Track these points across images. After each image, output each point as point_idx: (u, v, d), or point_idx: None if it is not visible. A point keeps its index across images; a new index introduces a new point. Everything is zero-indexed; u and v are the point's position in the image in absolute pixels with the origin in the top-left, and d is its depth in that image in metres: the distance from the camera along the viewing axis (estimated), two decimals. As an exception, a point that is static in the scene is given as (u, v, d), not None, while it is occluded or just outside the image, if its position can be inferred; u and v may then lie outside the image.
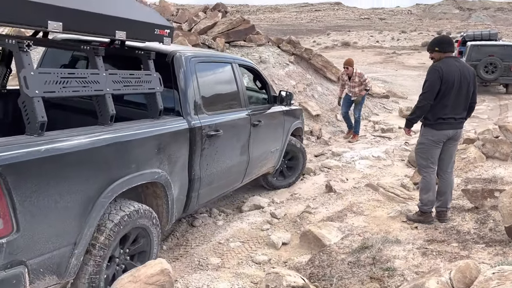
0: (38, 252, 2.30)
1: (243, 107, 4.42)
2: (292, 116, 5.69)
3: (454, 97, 4.01)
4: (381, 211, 4.67)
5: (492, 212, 4.16)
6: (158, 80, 3.25)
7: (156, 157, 3.09)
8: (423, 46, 33.68)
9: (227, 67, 4.38)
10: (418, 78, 19.30)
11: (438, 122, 4.05)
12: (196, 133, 3.51)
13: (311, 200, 5.34)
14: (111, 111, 2.79)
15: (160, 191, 3.24)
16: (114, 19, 2.86)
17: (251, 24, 11.56)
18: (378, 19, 78.04)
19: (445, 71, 3.97)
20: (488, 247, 3.40)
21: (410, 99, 14.45)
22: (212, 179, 3.91)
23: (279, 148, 5.38)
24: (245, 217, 4.86)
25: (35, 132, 2.31)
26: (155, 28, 3.23)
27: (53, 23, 2.41)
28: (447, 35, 4.27)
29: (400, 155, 7.67)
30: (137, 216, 2.91)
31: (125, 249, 2.99)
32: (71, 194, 2.44)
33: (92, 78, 2.69)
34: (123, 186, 2.76)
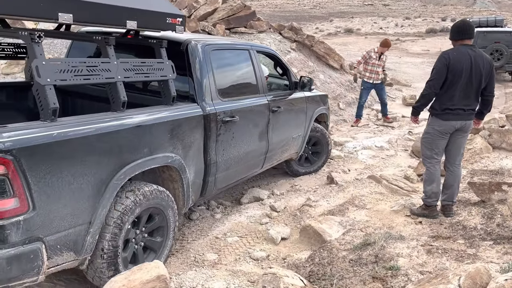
0: (54, 229, 2.46)
1: (261, 93, 4.45)
2: (315, 102, 5.68)
3: (464, 87, 3.82)
4: (384, 205, 4.52)
5: (499, 207, 4.00)
6: (170, 67, 3.34)
7: (169, 142, 3.20)
8: (428, 33, 33.27)
9: (244, 54, 4.41)
10: (422, 65, 19.02)
11: (445, 112, 3.90)
12: (210, 119, 3.59)
13: (312, 192, 5.19)
14: (123, 97, 2.89)
15: (175, 174, 3.37)
16: (124, 9, 2.94)
17: (252, 10, 11.30)
18: (382, 5, 77.01)
19: (452, 59, 3.79)
20: (496, 244, 3.25)
21: (414, 87, 14.21)
22: (229, 164, 3.98)
23: (301, 134, 5.38)
24: (243, 210, 4.73)
25: (48, 118, 2.45)
26: (167, 17, 3.28)
27: (64, 15, 2.52)
28: (465, 21, 3.99)
29: (403, 145, 7.50)
30: (151, 196, 3.04)
31: (141, 228, 3.11)
32: (84, 176, 2.57)
33: (103, 66, 2.80)
34: (135, 169, 2.88)
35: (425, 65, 19.11)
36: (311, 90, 5.50)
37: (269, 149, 4.62)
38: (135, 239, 3.08)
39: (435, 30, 33.38)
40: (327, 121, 6.21)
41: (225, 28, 10.17)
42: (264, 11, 51.18)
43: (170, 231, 3.34)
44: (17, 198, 2.26)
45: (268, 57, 5.24)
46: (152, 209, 3.13)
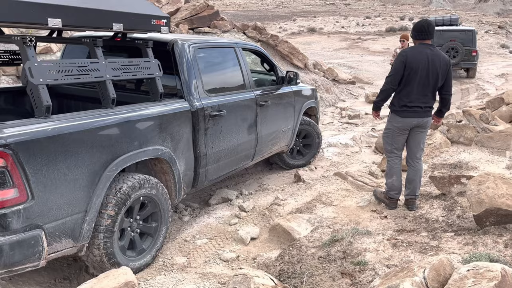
0: (53, 217, 2.67)
1: (247, 89, 4.65)
2: (303, 95, 5.87)
3: (420, 84, 3.93)
4: (350, 201, 4.60)
5: (459, 199, 4.16)
6: (157, 66, 3.56)
7: (158, 135, 3.43)
8: (387, 32, 34.20)
9: (230, 51, 4.61)
10: (383, 63, 19.54)
11: (402, 109, 4.03)
12: (198, 113, 3.82)
13: (280, 191, 5.23)
14: (112, 95, 3.12)
15: (166, 166, 3.59)
16: (110, 13, 3.16)
17: (215, 10, 11.26)
18: (343, 5, 78.49)
19: (409, 57, 3.91)
20: (457, 235, 3.38)
21: (375, 84, 14.58)
22: (219, 156, 4.19)
23: (291, 127, 5.59)
24: (212, 212, 4.70)
25: (42, 115, 2.66)
26: (152, 18, 3.52)
27: (53, 20, 2.73)
28: (427, 21, 4.14)
29: (367, 142, 7.68)
30: (143, 186, 3.26)
31: (135, 217, 3.34)
32: (79, 168, 2.79)
33: (92, 66, 3.02)
34: (126, 161, 3.11)
35: (386, 63, 19.62)
36: (297, 84, 5.67)
37: (259, 142, 4.84)
38: (130, 227, 3.31)
39: (395, 29, 34.37)
40: (316, 114, 6.41)
41: (188, 28, 10.09)
42: (227, 11, 51.05)
43: (164, 219, 3.55)
44: (16, 188, 2.46)
45: (254, 54, 5.45)
46: (145, 198, 3.34)
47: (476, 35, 16.03)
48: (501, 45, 27.32)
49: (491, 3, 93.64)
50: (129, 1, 3.56)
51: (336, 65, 16.13)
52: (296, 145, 6.05)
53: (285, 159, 5.96)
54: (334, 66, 15.11)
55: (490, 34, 31.53)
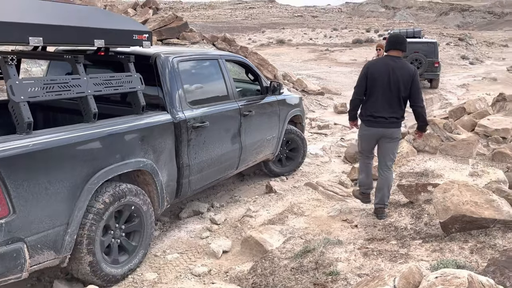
0: (34, 230, 2.72)
1: (231, 99, 4.73)
2: (288, 104, 5.96)
3: (383, 95, 4.03)
4: (321, 211, 4.64)
5: (426, 206, 4.27)
6: (139, 79, 3.64)
7: (140, 148, 3.50)
8: (354, 43, 35.05)
9: (213, 63, 4.69)
10: (351, 74, 19.97)
11: (368, 119, 4.17)
12: (181, 125, 3.89)
13: (252, 203, 5.21)
14: (93, 109, 3.18)
15: (149, 178, 3.66)
16: (91, 30, 3.27)
17: (184, 21, 11.25)
18: (310, 17, 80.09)
19: (371, 68, 4.10)
20: (425, 243, 3.46)
21: (344, 95, 14.85)
22: (202, 167, 4.25)
23: (276, 136, 5.67)
24: (183, 225, 4.63)
25: (24, 131, 2.72)
26: (133, 33, 3.63)
27: (34, 38, 2.82)
28: (396, 34, 4.35)
29: (337, 152, 7.79)
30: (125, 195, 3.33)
31: (119, 226, 3.41)
32: (60, 182, 2.84)
33: (73, 82, 3.09)
34: (108, 174, 3.17)
35: (353, 74, 20.08)
36: (281, 94, 5.75)
37: (243, 151, 4.89)
38: (113, 236, 3.38)
39: (361, 41, 35.30)
40: (302, 122, 6.50)
41: (157, 39, 10.01)
42: (196, 22, 51.09)
43: (147, 227, 3.63)
44: None
45: (239, 65, 5.52)
46: (127, 207, 3.42)
47: (438, 47, 16.65)
48: (462, 57, 28.48)
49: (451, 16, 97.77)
50: (110, 17, 3.76)
51: (305, 76, 16.37)
52: (282, 153, 6.14)
53: (270, 167, 6.03)
54: (303, 77, 15.34)
55: (451, 46, 32.83)
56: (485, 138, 6.76)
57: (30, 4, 3.23)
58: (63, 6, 3.83)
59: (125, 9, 11.57)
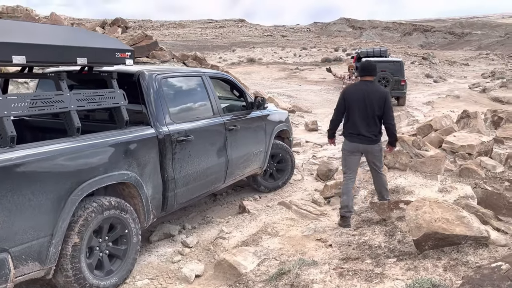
0: (19, 241, 2.78)
1: (216, 114, 4.85)
2: (274, 119, 6.10)
3: (361, 116, 4.55)
4: (295, 230, 4.59)
5: (398, 224, 4.29)
6: (122, 95, 3.76)
7: (123, 160, 3.59)
8: (323, 62, 35.76)
9: (197, 80, 4.83)
10: (320, 92, 20.29)
11: (350, 135, 4.66)
12: (165, 139, 4.00)
13: (225, 223, 5.10)
14: (77, 124, 3.29)
15: (134, 190, 3.74)
16: (74, 49, 3.40)
17: (153, 40, 11.17)
18: (280, 36, 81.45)
19: (347, 92, 4.69)
20: (399, 261, 3.45)
21: (314, 113, 15.06)
22: (188, 180, 4.31)
23: (262, 150, 5.78)
24: (153, 249, 4.47)
25: (7, 145, 2.79)
26: (116, 52, 3.77)
27: (17, 57, 2.93)
28: (368, 61, 4.93)
29: (309, 169, 7.80)
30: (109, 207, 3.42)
31: (104, 237, 3.49)
32: (44, 194, 2.91)
33: (56, 98, 3.21)
34: (92, 186, 3.26)
35: (323, 92, 20.43)
36: (265, 109, 5.89)
37: (230, 164, 4.99)
38: (99, 247, 3.44)
39: (330, 59, 36.06)
40: (289, 137, 6.65)
41: (126, 58, 9.88)
42: (166, 41, 51.01)
43: (133, 239, 3.70)
44: None
45: (223, 82, 5.66)
46: (112, 219, 3.50)
47: (404, 65, 17.18)
48: (426, 75, 29.50)
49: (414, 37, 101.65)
50: (92, 36, 3.88)
51: (276, 94, 16.51)
52: (270, 167, 6.25)
53: (259, 182, 6.13)
54: (274, 95, 15.45)
55: (415, 64, 33.98)
56: (452, 154, 6.93)
57: (12, 25, 3.43)
58: (45, 26, 4.07)
59: (93, 27, 11.41)
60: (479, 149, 6.79)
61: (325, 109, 15.89)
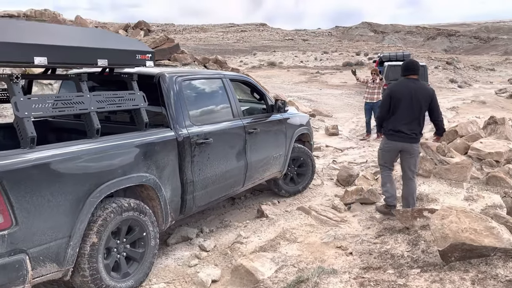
0: (37, 242, 2.79)
1: (235, 117, 4.82)
2: (295, 122, 6.05)
3: (405, 113, 4.52)
4: (315, 237, 4.48)
5: (422, 232, 4.13)
6: (142, 97, 3.77)
7: (143, 163, 3.58)
8: (344, 66, 35.45)
9: (217, 83, 4.80)
10: (341, 96, 20.07)
11: (389, 133, 4.66)
12: (184, 141, 3.98)
13: (242, 228, 5.03)
14: (96, 125, 3.29)
15: (152, 193, 3.73)
16: (95, 50, 3.41)
17: (175, 43, 11.23)
18: (301, 40, 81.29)
19: (393, 90, 4.64)
20: (424, 272, 3.30)
21: (335, 117, 14.87)
22: (206, 183, 4.29)
23: (282, 154, 5.73)
24: (170, 252, 4.43)
25: (27, 145, 2.83)
26: (136, 54, 3.77)
27: (39, 58, 2.95)
28: (412, 60, 4.99)
29: (329, 174, 7.67)
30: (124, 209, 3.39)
31: (122, 239, 3.48)
32: (62, 195, 2.92)
33: (76, 99, 3.24)
34: (110, 188, 3.26)
35: (344, 96, 20.19)
36: (286, 112, 5.83)
37: (249, 168, 4.94)
38: (116, 248, 3.43)
39: (351, 64, 35.69)
40: (310, 140, 6.60)
41: (148, 61, 9.96)
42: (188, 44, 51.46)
43: (151, 243, 3.68)
44: (1, 214, 2.60)
45: (244, 85, 5.60)
46: (130, 221, 3.49)
47: (428, 70, 16.81)
48: (450, 80, 28.88)
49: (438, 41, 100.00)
50: (114, 38, 3.86)
51: (296, 98, 16.39)
52: (291, 172, 6.19)
53: (280, 185, 6.08)
54: (294, 99, 15.34)
55: (439, 69, 33.33)
56: (478, 161, 6.69)
57: (34, 26, 3.45)
58: (67, 28, 4.10)
59: (117, 30, 11.55)
60: (508, 156, 6.53)
61: (346, 114, 15.68)
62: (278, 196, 6.29)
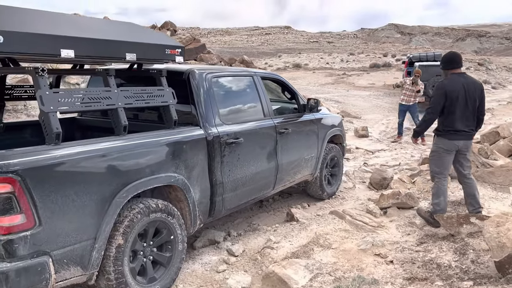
0: (61, 244, 2.64)
1: (266, 116, 4.61)
2: (327, 123, 5.81)
3: (462, 111, 4.29)
4: (351, 243, 4.19)
5: (470, 240, 3.80)
6: (171, 94, 3.59)
7: (171, 162, 3.41)
8: (371, 68, 34.79)
9: (248, 81, 4.61)
10: (369, 98, 19.58)
11: (449, 132, 4.38)
12: (214, 141, 3.79)
13: (272, 232, 4.78)
14: (124, 122, 3.12)
15: (181, 194, 3.56)
16: (123, 43, 3.26)
17: (202, 43, 11.14)
18: (326, 42, 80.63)
19: (448, 87, 4.29)
20: (477, 285, 2.99)
21: (364, 118, 14.46)
22: (236, 185, 4.11)
23: (314, 156, 5.49)
24: (197, 256, 4.22)
25: (52, 142, 2.69)
26: (165, 48, 3.60)
27: (65, 51, 2.82)
28: (454, 52, 4.76)
29: (360, 177, 7.34)
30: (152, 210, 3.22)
31: (149, 242, 3.30)
32: (87, 195, 2.77)
33: (104, 94, 3.08)
34: (138, 188, 3.09)
35: (372, 98, 19.70)
36: (318, 111, 5.60)
37: (279, 170, 4.72)
38: (143, 251, 3.26)
39: (378, 65, 35.00)
40: (342, 142, 6.32)
41: (174, 61, 9.87)
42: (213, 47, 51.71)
43: (178, 247, 3.50)
44: (23, 214, 2.47)
45: (275, 83, 5.42)
46: (158, 223, 3.32)
47: (461, 70, 16.15)
48: (483, 81, 27.82)
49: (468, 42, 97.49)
50: (142, 32, 3.70)
51: (323, 100, 16.01)
52: (328, 173, 5.99)
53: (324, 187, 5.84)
54: (321, 100, 14.96)
55: (471, 70, 32.25)
56: (524, 164, 6.24)
57: (62, 18, 3.27)
58: (95, 21, 3.98)
59: (143, 31, 11.54)
60: (556, 159, 6.08)
61: (374, 115, 15.24)
62: (308, 199, 6.02)
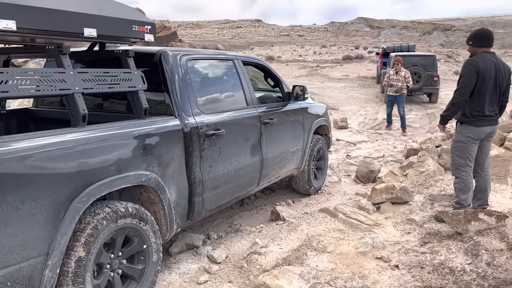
0: (2, 264, 2.14)
1: (249, 105, 4.17)
2: (313, 113, 5.39)
3: (491, 93, 3.91)
4: (347, 245, 3.73)
5: (479, 239, 3.42)
6: (140, 77, 3.11)
7: (142, 158, 2.91)
8: (344, 60, 34.74)
9: (228, 65, 4.15)
10: (345, 89, 19.37)
11: (477, 118, 3.96)
12: (191, 132, 3.31)
13: (257, 233, 4.28)
14: (82, 111, 2.63)
15: (154, 195, 3.07)
16: (79, 16, 2.69)
17: (173, 31, 10.53)
18: (297, 36, 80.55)
19: (481, 66, 3.84)
20: (503, 294, 2.58)
21: (341, 110, 14.17)
22: (218, 183, 3.66)
23: (300, 148, 5.08)
24: (174, 265, 3.68)
25: None
26: (133, 24, 3.09)
27: (4, 21, 2.27)
28: (487, 29, 4.18)
29: (345, 170, 6.97)
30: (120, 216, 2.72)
31: (117, 253, 2.80)
32: (36, 200, 2.26)
33: (56, 76, 2.55)
34: (101, 190, 2.58)
35: (347, 89, 19.48)
36: (305, 99, 5.20)
37: (264, 164, 4.30)
38: (110, 264, 2.75)
39: (351, 57, 34.96)
40: (328, 133, 5.90)
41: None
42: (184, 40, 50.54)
43: (152, 257, 3.00)
44: None
45: (257, 68, 4.96)
46: (128, 230, 2.83)
47: (437, 60, 16.09)
48: (454, 72, 28.21)
49: (434, 36, 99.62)
50: (107, 4, 3.04)
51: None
52: (314, 166, 5.58)
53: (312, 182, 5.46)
54: (298, 91, 14.55)
55: (441, 62, 32.64)
56: (516, 153, 5.99)
57: None
58: None
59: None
60: (549, 148, 5.83)
61: (352, 107, 14.97)
62: (292, 195, 5.58)
